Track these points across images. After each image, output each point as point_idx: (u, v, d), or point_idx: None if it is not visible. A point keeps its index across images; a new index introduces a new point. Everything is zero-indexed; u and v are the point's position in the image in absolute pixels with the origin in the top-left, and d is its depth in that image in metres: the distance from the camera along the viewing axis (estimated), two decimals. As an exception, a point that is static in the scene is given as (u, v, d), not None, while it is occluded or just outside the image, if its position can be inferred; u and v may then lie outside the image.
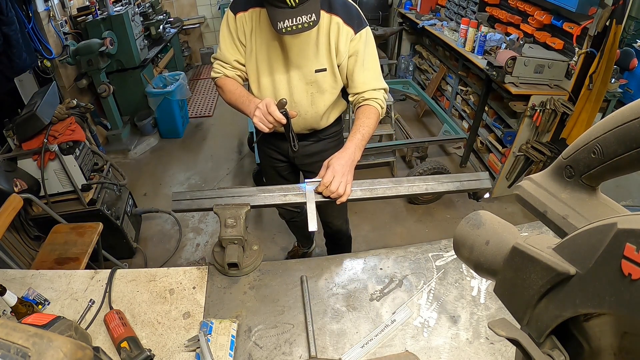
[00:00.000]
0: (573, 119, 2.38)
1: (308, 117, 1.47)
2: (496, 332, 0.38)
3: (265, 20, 1.30)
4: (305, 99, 1.43)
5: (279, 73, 1.39)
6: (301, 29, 1.15)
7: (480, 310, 1.07)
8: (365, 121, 1.33)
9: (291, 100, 1.41)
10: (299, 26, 1.15)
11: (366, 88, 1.38)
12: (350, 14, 1.31)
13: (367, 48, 1.35)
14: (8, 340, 0.46)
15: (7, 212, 1.76)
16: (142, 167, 3.69)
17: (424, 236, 2.79)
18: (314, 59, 1.35)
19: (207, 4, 5.61)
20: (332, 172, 1.19)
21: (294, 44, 1.32)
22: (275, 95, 1.42)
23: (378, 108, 1.38)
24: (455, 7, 3.81)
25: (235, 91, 1.40)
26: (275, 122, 1.24)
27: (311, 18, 1.14)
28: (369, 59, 1.36)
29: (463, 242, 0.50)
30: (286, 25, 1.14)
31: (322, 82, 1.40)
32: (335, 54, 1.34)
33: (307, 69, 1.37)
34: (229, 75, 1.45)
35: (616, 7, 2.06)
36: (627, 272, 0.28)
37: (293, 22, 1.14)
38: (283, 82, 1.40)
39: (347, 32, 1.31)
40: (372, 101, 1.38)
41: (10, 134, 2.23)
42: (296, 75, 1.38)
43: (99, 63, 3.26)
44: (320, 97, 1.44)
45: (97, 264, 2.14)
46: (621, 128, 0.38)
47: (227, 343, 0.97)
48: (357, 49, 1.33)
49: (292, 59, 1.35)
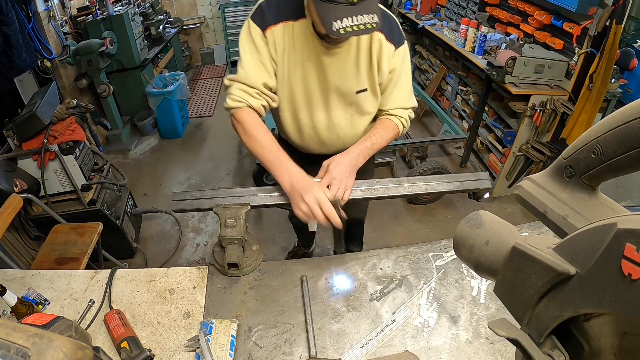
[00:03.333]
0: (573, 119, 2.38)
1: (347, 139, 1.36)
2: (496, 332, 0.38)
3: (301, 35, 1.15)
4: (344, 121, 1.32)
5: (316, 96, 1.25)
6: (363, 30, 0.96)
7: (480, 310, 1.07)
8: (381, 132, 1.28)
9: (329, 123, 1.31)
10: (361, 27, 0.96)
11: (394, 106, 1.31)
12: (391, 29, 1.19)
13: (404, 65, 1.26)
14: (8, 340, 0.46)
15: (7, 212, 1.76)
16: (142, 167, 3.69)
17: (424, 236, 2.79)
18: (354, 79, 1.22)
19: (207, 4, 5.61)
20: (329, 177, 1.16)
21: (332, 63, 1.18)
22: (312, 121, 1.31)
23: (399, 126, 1.32)
24: (455, 7, 3.81)
25: (263, 141, 1.15)
26: (327, 221, 1.06)
27: (374, 19, 0.96)
28: (403, 76, 1.28)
29: (463, 242, 0.50)
30: (345, 25, 0.94)
31: (362, 102, 1.28)
32: (377, 72, 1.22)
33: (347, 90, 1.24)
34: (254, 105, 1.18)
35: (616, 7, 2.06)
36: (627, 272, 0.28)
37: (353, 21, 0.95)
38: (320, 105, 1.28)
39: (388, 49, 1.19)
40: (396, 118, 1.31)
41: (10, 134, 2.22)
42: (335, 97, 1.25)
43: (99, 63, 3.25)
44: (359, 118, 1.33)
45: (97, 264, 2.14)
46: (621, 128, 0.38)
47: (227, 343, 0.97)
48: (394, 66, 1.23)
49: (330, 79, 1.21)
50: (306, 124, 1.34)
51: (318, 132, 1.35)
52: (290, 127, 1.38)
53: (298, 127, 1.36)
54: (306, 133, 1.37)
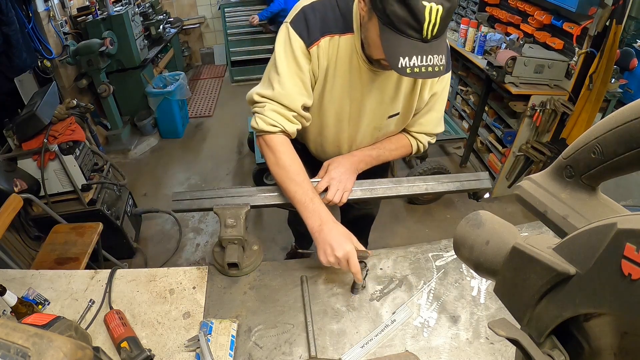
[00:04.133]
0: (573, 119, 2.38)
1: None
2: (496, 332, 0.38)
3: (345, 52, 1.04)
4: (368, 141, 1.27)
5: (346, 116, 1.17)
6: (432, 73, 0.85)
7: (480, 310, 1.07)
8: (392, 147, 1.24)
9: (352, 142, 1.26)
10: (429, 69, 0.84)
11: (420, 130, 1.25)
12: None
13: (444, 91, 1.19)
14: (8, 340, 0.46)
15: (7, 212, 1.76)
16: (142, 167, 3.69)
17: (424, 236, 2.79)
18: (389, 104, 1.14)
19: (207, 4, 5.61)
20: (328, 178, 1.15)
21: (373, 86, 1.08)
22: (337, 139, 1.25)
23: (414, 148, 1.28)
24: (455, 7, 3.81)
25: (294, 175, 1.07)
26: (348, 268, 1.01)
27: (442, 60, 0.85)
28: (439, 102, 1.21)
29: (463, 242, 0.50)
30: (413, 65, 0.83)
31: (390, 126, 1.23)
32: (417, 97, 1.15)
33: (380, 114, 1.16)
34: (289, 130, 1.08)
35: (616, 7, 2.06)
36: (627, 272, 0.28)
37: (423, 61, 0.83)
38: (349, 126, 1.20)
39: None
40: (414, 140, 1.27)
41: (10, 134, 2.23)
42: (366, 121, 1.18)
43: (99, 63, 3.26)
44: (382, 137, 1.29)
45: (97, 264, 2.14)
46: (621, 128, 0.38)
47: (227, 343, 0.97)
48: (436, 90, 1.16)
49: (366, 102, 1.12)
50: (331, 142, 1.28)
51: (339, 147, 1.31)
52: (312, 140, 1.32)
53: (321, 142, 1.31)
54: (328, 149, 1.32)
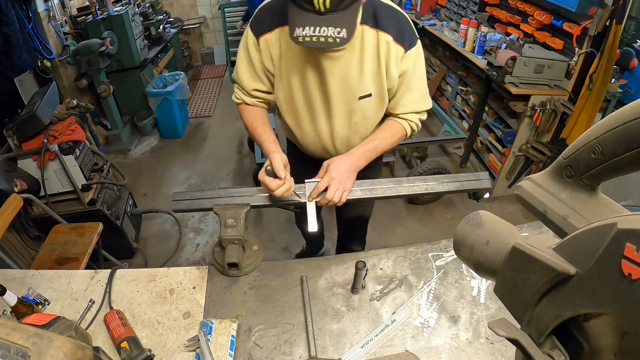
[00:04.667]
0: (573, 119, 2.38)
1: (351, 145, 1.32)
2: (496, 332, 0.38)
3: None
4: (347, 128, 1.29)
5: (317, 103, 1.22)
6: (323, 43, 0.91)
7: (480, 310, 1.07)
8: (385, 135, 1.25)
9: (331, 130, 1.29)
10: (321, 39, 0.90)
11: (406, 110, 1.25)
12: (400, 29, 1.11)
13: (416, 67, 1.18)
14: (8, 340, 0.46)
15: (7, 212, 1.76)
16: (142, 167, 3.69)
17: (424, 236, 2.79)
18: (357, 85, 1.17)
19: (207, 4, 5.61)
20: (328, 178, 1.15)
21: (333, 68, 1.13)
22: (315, 129, 1.30)
23: (407, 130, 1.28)
24: (455, 7, 3.81)
25: (251, 129, 1.28)
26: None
27: (339, 33, 0.90)
28: (416, 78, 1.20)
29: (463, 242, 0.50)
30: (305, 34, 0.90)
31: (366, 108, 1.23)
32: (385, 77, 1.16)
33: (349, 96, 1.19)
34: (249, 103, 1.30)
35: (616, 7, 2.06)
36: (627, 272, 0.28)
37: (315, 31, 0.90)
38: (322, 112, 1.25)
39: (396, 51, 1.12)
40: (405, 121, 1.27)
41: (10, 134, 2.22)
42: (337, 103, 1.21)
43: (99, 63, 3.26)
44: (363, 123, 1.29)
45: (97, 264, 2.14)
46: (621, 128, 0.38)
47: (227, 343, 0.97)
48: (405, 68, 1.16)
49: (331, 85, 1.16)
50: (309, 132, 1.32)
51: (321, 140, 1.33)
52: (294, 134, 1.38)
53: (301, 135, 1.35)
54: (310, 141, 1.36)
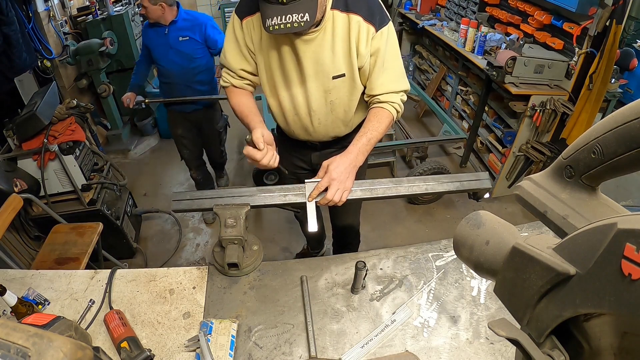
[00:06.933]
0: (573, 119, 2.38)
1: (329, 124, 1.41)
2: (496, 332, 0.38)
3: None
4: (324, 107, 1.36)
5: (294, 82, 1.31)
6: (290, 28, 1.06)
7: (480, 310, 1.07)
8: (375, 125, 1.27)
9: (309, 109, 1.36)
10: (288, 25, 1.06)
11: (384, 91, 1.29)
12: (370, 10, 1.20)
13: (389, 46, 1.25)
14: (8, 340, 0.46)
15: (7, 212, 1.76)
16: (142, 167, 3.69)
17: (424, 236, 2.79)
18: (330, 65, 1.26)
19: (207, 4, 5.60)
20: (328, 178, 1.16)
21: (307, 49, 1.23)
22: (294, 107, 1.38)
23: (393, 112, 1.30)
24: (455, 7, 3.80)
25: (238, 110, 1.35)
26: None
27: (303, 18, 1.05)
28: (389, 58, 1.27)
29: (463, 242, 0.50)
30: (274, 23, 1.06)
31: (340, 88, 1.31)
32: (356, 57, 1.24)
33: (323, 76, 1.28)
34: (236, 85, 1.38)
35: (616, 7, 2.06)
36: (627, 272, 0.28)
37: (282, 19, 1.05)
38: (299, 91, 1.33)
39: (367, 30, 1.20)
40: (388, 104, 1.30)
41: (10, 134, 2.23)
42: (313, 83, 1.30)
43: (99, 63, 3.26)
44: (339, 104, 1.36)
45: (97, 264, 2.14)
46: (621, 128, 0.38)
47: (227, 343, 0.97)
48: (377, 48, 1.23)
49: (306, 65, 1.26)
50: (289, 110, 1.39)
51: (300, 118, 1.40)
52: (276, 113, 1.46)
53: (282, 112, 1.42)
54: (290, 119, 1.43)
